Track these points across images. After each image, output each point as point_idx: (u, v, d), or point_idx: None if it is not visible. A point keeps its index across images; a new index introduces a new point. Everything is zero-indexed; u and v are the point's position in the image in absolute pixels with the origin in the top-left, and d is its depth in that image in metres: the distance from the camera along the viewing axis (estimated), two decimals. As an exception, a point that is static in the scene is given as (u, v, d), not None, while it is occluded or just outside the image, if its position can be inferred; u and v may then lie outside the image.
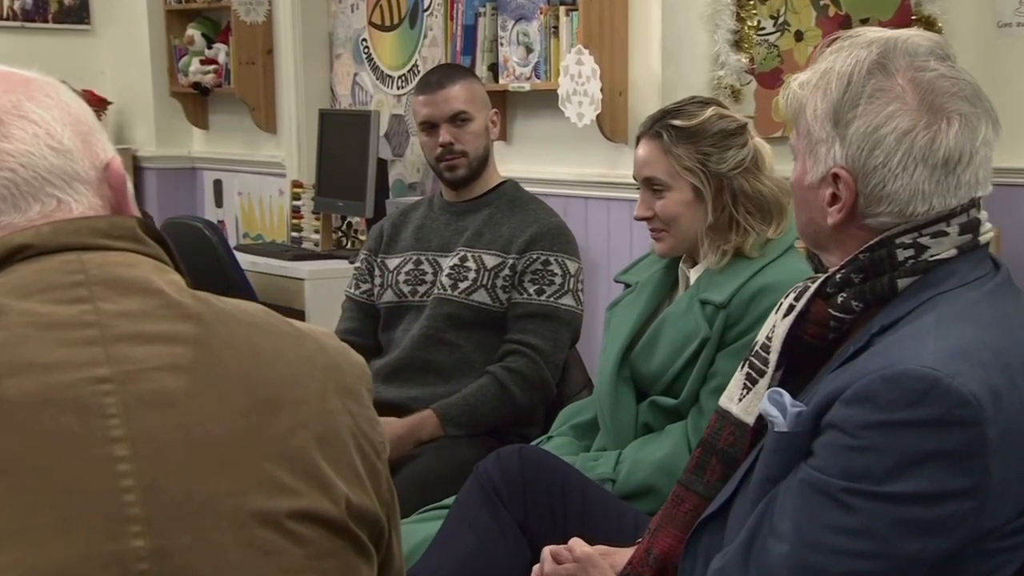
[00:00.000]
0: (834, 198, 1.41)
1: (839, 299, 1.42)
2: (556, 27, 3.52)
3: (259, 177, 4.79)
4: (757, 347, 1.52)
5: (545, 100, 3.54)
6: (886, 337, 1.36)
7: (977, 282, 1.38)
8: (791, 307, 1.48)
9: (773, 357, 1.48)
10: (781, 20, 3.49)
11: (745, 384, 1.52)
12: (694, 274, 2.10)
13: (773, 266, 2.02)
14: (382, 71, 4.41)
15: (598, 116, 3.30)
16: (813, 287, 1.46)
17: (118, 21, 5.21)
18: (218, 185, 5.03)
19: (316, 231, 4.32)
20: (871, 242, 1.41)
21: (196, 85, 4.82)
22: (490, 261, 2.62)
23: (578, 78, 3.38)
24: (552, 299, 2.59)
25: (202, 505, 0.91)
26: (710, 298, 2.01)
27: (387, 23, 4.39)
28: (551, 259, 2.61)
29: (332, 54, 4.64)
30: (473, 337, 2.61)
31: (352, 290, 2.77)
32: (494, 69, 3.71)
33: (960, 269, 1.38)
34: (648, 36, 3.34)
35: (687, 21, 3.35)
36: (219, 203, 5.02)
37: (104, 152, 1.06)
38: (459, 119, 2.65)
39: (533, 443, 2.18)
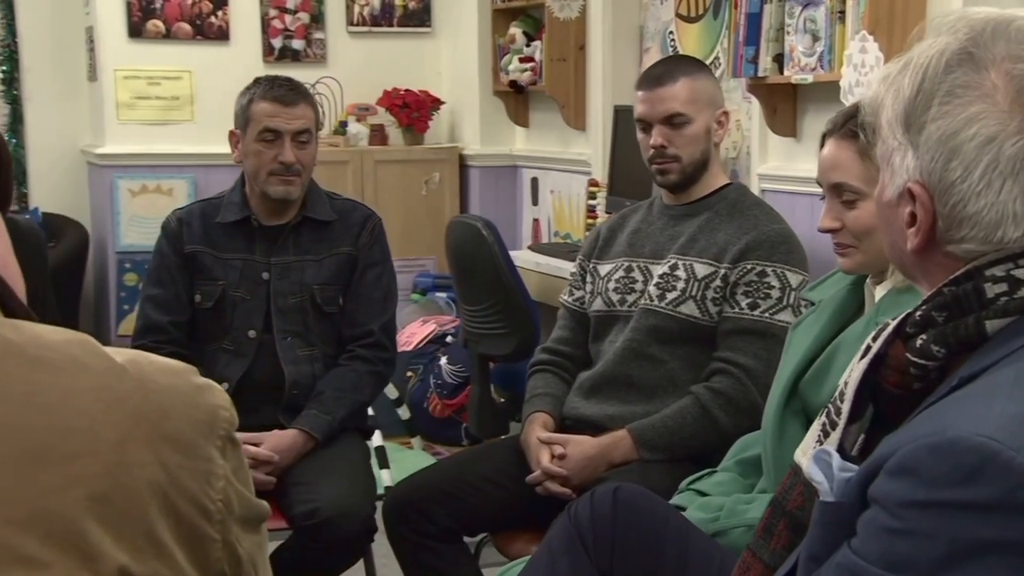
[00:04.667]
0: (912, 218, 1.13)
1: (918, 342, 1.14)
2: (843, 12, 3.19)
3: (568, 175, 4.75)
4: (836, 392, 1.25)
5: (834, 93, 3.22)
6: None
7: None
8: (867, 348, 1.21)
9: (845, 407, 1.21)
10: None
11: (819, 436, 1.26)
12: (880, 292, 1.80)
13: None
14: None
15: (883, 110, 2.94)
16: (892, 325, 1.18)
17: (454, 23, 5.35)
18: (535, 183, 5.04)
19: (609, 231, 4.21)
20: (956, 273, 1.11)
21: (513, 83, 4.85)
22: (701, 270, 2.40)
23: (861, 68, 3.04)
24: (767, 314, 2.33)
25: None
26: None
27: (692, 14, 4.20)
28: (768, 270, 2.35)
29: (642, 48, 4.51)
30: (680, 353, 2.40)
31: (566, 297, 2.64)
32: (779, 60, 3.42)
33: None
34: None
35: (1000, 3, 2.91)
36: (535, 201, 5.03)
37: None
38: (674, 121, 2.43)
39: (694, 477, 1.96)
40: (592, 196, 4.30)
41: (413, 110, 5.18)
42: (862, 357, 1.21)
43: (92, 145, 5.30)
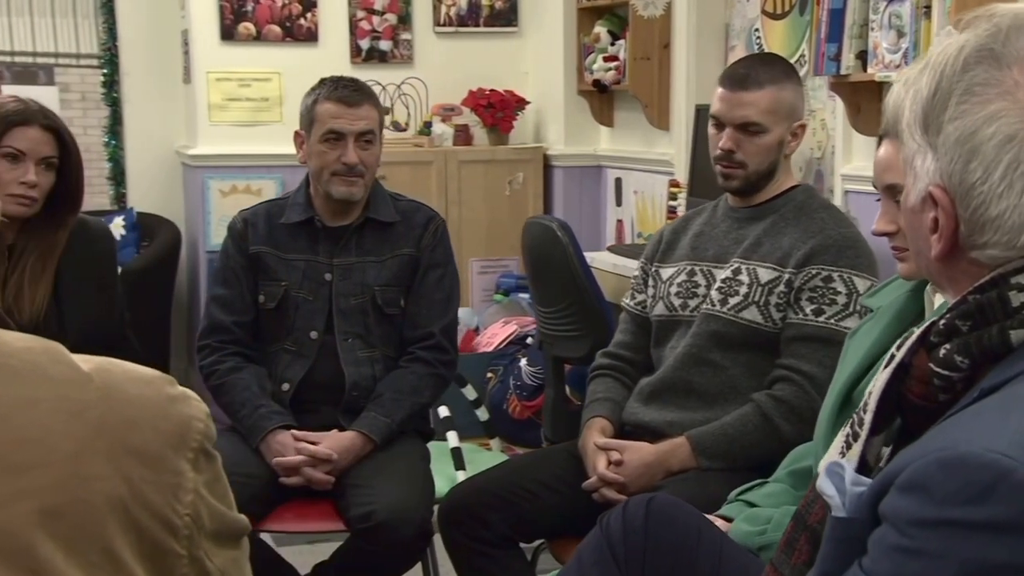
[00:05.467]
0: (935, 224, 1.08)
1: (941, 352, 1.08)
2: (928, 6, 3.08)
3: (652, 175, 4.68)
4: (862, 403, 1.20)
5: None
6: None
7: None
8: (891, 357, 1.15)
9: (867, 418, 1.16)
10: None
11: (842, 448, 1.21)
12: (940, 299, 1.72)
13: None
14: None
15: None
16: (916, 334, 1.12)
17: (540, 22, 5.33)
18: (619, 183, 4.99)
19: (689, 234, 4.14)
20: (981, 281, 1.05)
21: (597, 83, 4.80)
22: (765, 275, 2.33)
23: (946, 64, 2.93)
24: (832, 321, 2.25)
25: None
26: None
27: (778, 11, 4.10)
28: (834, 275, 2.27)
29: (727, 46, 4.42)
30: (742, 359, 2.34)
31: (628, 300, 2.60)
32: (863, 57, 3.32)
33: None
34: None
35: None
36: (619, 202, 4.98)
37: None
38: (749, 128, 2.36)
39: (744, 487, 1.90)
40: (673, 197, 4.24)
41: (498, 110, 5.17)
42: (886, 366, 1.15)
43: (185, 146, 5.40)
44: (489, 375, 4.59)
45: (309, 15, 5.25)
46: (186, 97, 5.45)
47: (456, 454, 3.79)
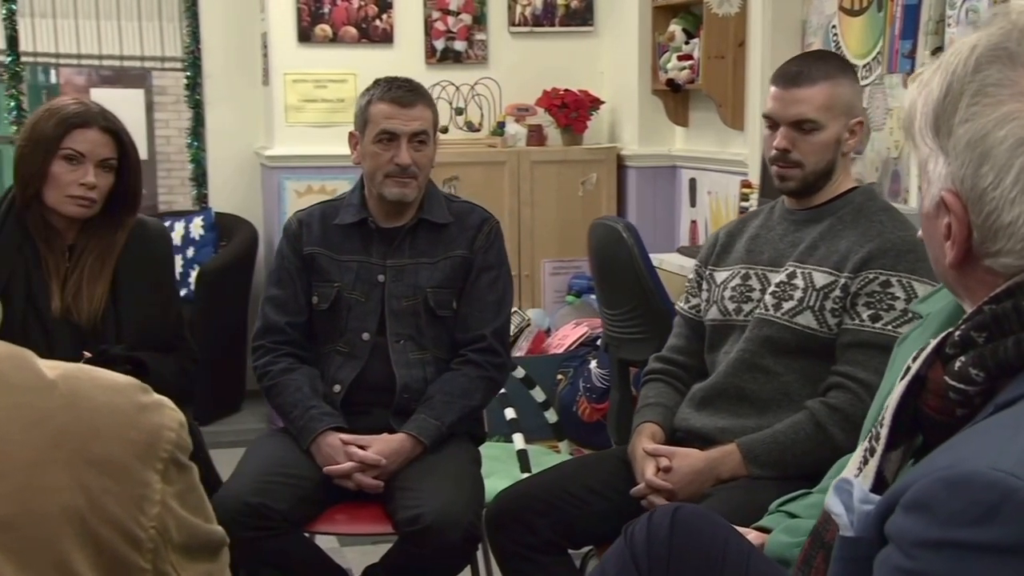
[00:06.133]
0: (949, 230, 1.02)
1: (957, 365, 1.03)
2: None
3: (726, 176, 4.61)
4: (880, 416, 1.15)
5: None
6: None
7: None
8: (907, 369, 1.10)
9: (883, 432, 1.11)
10: None
11: (859, 464, 1.16)
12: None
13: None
14: (848, 60, 4.03)
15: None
16: (932, 345, 1.07)
17: (616, 21, 5.28)
18: (693, 184, 4.92)
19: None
20: (997, 290, 1.00)
21: (670, 82, 4.74)
22: (820, 279, 2.27)
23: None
24: (890, 327, 2.18)
25: None
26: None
27: (856, 7, 4.00)
28: (892, 280, 2.20)
29: (803, 43, 4.33)
30: (796, 365, 2.27)
31: (682, 304, 2.55)
32: (938, 53, 3.21)
33: None
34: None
35: None
36: (693, 203, 4.91)
37: None
38: (804, 126, 2.29)
39: (786, 498, 1.84)
40: (744, 198, 4.16)
41: (572, 110, 5.13)
42: (902, 378, 1.10)
43: (263, 147, 5.47)
44: (559, 377, 4.56)
45: (385, 16, 5.28)
46: (264, 99, 5.51)
47: (522, 456, 3.77)
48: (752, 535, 1.69)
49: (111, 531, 0.84)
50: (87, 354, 2.41)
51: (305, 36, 5.23)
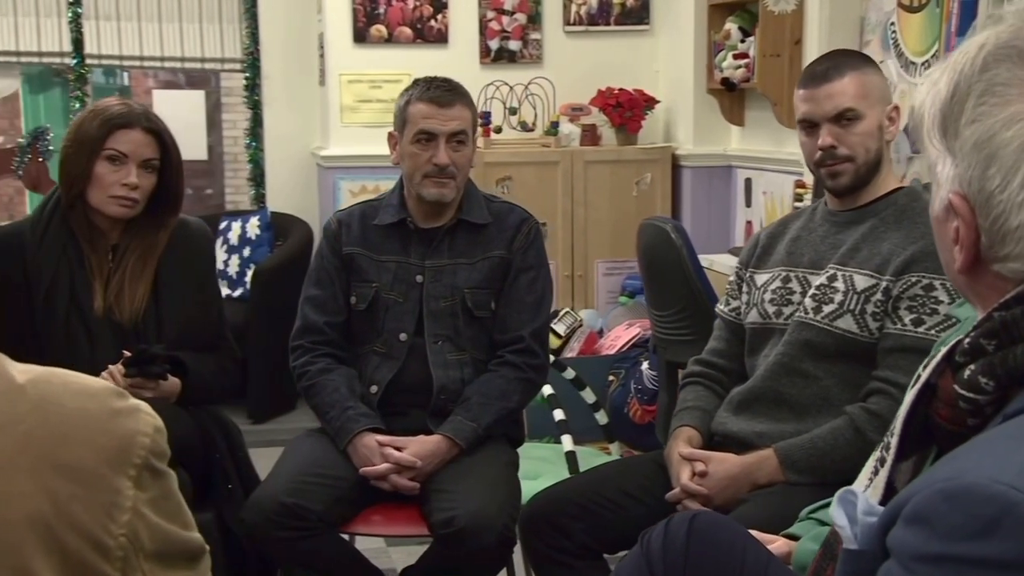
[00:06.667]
0: (957, 234, 0.99)
1: (966, 373, 0.99)
2: (1064, -5, 2.89)
3: (781, 176, 4.54)
4: (892, 425, 1.11)
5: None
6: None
7: None
8: (918, 377, 1.06)
9: (894, 442, 1.07)
10: None
11: (871, 474, 1.12)
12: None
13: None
14: (906, 57, 3.94)
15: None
16: (942, 352, 1.03)
17: (672, 19, 5.23)
18: (748, 184, 4.85)
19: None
20: (1006, 297, 0.96)
21: (725, 81, 4.68)
22: (861, 282, 2.22)
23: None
24: (933, 331, 2.12)
25: None
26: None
27: (915, 3, 3.92)
28: (936, 283, 2.14)
29: (861, 41, 4.25)
30: (836, 370, 2.22)
31: (722, 306, 2.50)
32: (994, 50, 3.13)
33: None
34: None
35: None
36: (748, 203, 4.85)
37: None
38: (845, 118, 2.24)
39: (817, 505, 1.80)
40: (798, 198, 4.10)
41: (626, 109, 5.09)
42: (912, 386, 1.06)
43: (319, 148, 5.50)
44: (611, 378, 4.53)
45: (440, 16, 5.28)
46: (321, 99, 5.55)
47: (570, 458, 3.74)
48: (780, 542, 1.66)
49: (78, 538, 0.83)
50: (126, 353, 2.43)
51: (361, 37, 5.26)
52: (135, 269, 2.53)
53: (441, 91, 2.59)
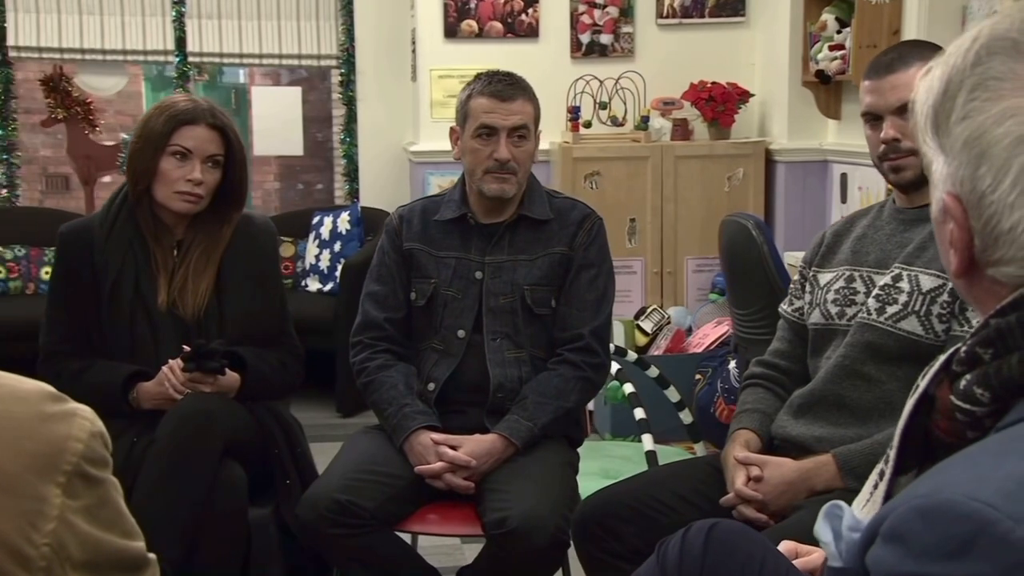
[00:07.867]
0: (952, 236, 0.92)
1: (962, 384, 0.92)
2: None
3: (875, 171, 4.38)
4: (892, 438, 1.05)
5: None
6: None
7: None
8: (915, 387, 0.99)
9: (892, 454, 1.01)
10: None
11: (871, 489, 1.06)
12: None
13: None
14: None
15: None
16: (939, 362, 0.97)
17: (770, 11, 5.11)
18: (844, 179, 4.71)
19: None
20: (1002, 303, 0.89)
21: (819, 73, 4.55)
22: (927, 283, 2.11)
23: None
24: (1002, 334, 2.01)
25: None
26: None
27: (1015, -10, 3.75)
28: (1006, 283, 2.03)
29: (963, 31, 4.08)
30: (899, 373, 2.13)
31: (785, 307, 2.42)
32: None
33: None
34: None
35: None
36: (843, 198, 4.70)
37: None
38: (909, 110, 2.15)
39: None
40: (889, 193, 3.94)
41: (719, 103, 4.99)
42: (911, 396, 1.00)
43: (411, 143, 5.52)
44: (698, 377, 4.45)
45: (531, 11, 5.25)
46: (412, 95, 5.57)
47: (651, 458, 3.68)
48: (818, 553, 1.58)
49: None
50: (186, 348, 2.46)
51: (451, 32, 5.26)
52: (199, 264, 2.56)
53: (503, 85, 2.55)
